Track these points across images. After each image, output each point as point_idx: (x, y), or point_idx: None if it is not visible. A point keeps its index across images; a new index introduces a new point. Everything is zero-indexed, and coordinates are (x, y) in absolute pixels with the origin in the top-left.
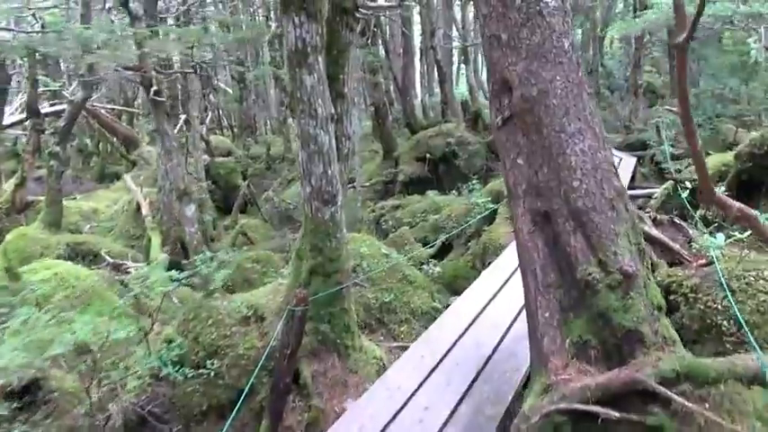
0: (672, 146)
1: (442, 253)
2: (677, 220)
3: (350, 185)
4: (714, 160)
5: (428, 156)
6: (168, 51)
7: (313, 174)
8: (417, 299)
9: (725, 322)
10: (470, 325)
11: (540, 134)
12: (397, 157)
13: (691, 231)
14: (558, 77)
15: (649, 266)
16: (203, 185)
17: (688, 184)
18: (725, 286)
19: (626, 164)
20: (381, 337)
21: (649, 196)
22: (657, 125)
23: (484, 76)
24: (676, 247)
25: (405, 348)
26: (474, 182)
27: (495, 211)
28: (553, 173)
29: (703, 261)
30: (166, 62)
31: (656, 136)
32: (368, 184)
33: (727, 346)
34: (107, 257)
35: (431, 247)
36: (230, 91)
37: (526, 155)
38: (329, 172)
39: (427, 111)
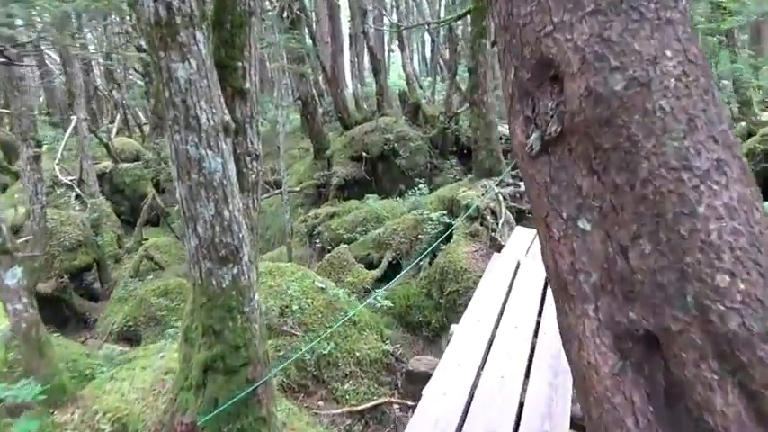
0: None
1: (388, 272)
2: None
3: (277, 191)
4: None
5: (365, 154)
6: None
7: (200, 218)
8: (364, 343)
9: None
10: None
11: (632, 173)
12: (330, 157)
13: None
14: (667, 52)
15: None
16: (97, 201)
17: None
18: None
19: None
20: (321, 402)
21: None
22: None
23: (415, 64)
24: None
25: (351, 415)
26: (420, 185)
27: (451, 227)
28: (666, 254)
29: None
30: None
31: None
32: (297, 188)
33: None
34: None
35: (385, 284)
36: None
37: (599, 214)
38: (226, 213)
39: (360, 103)
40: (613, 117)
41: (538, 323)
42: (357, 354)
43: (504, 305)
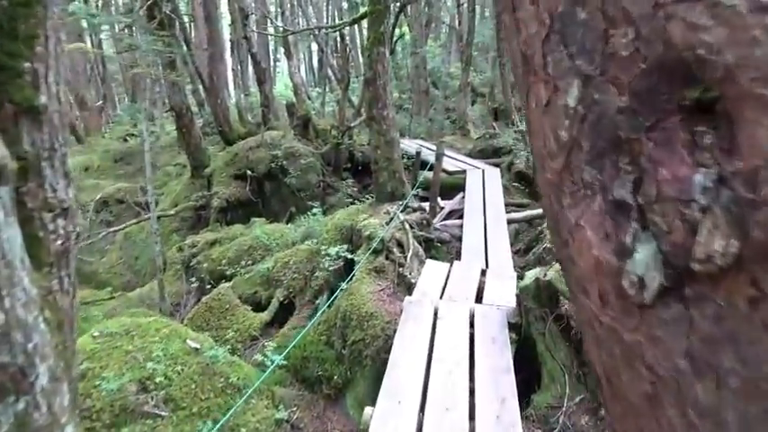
0: None
1: (280, 314)
2: None
3: (147, 215)
4: None
5: (249, 173)
6: None
7: None
8: (251, 415)
9: None
10: None
11: None
12: (210, 175)
13: None
14: None
15: None
16: None
17: None
18: None
19: (491, 177)
20: None
21: (530, 219)
22: (524, 130)
23: (302, 73)
24: None
25: None
26: (314, 208)
27: (352, 262)
28: None
29: None
30: None
31: (524, 143)
32: (172, 211)
33: None
34: None
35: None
36: None
37: None
38: None
39: (244, 115)
40: None
41: (471, 393)
42: (243, 430)
43: (427, 373)
